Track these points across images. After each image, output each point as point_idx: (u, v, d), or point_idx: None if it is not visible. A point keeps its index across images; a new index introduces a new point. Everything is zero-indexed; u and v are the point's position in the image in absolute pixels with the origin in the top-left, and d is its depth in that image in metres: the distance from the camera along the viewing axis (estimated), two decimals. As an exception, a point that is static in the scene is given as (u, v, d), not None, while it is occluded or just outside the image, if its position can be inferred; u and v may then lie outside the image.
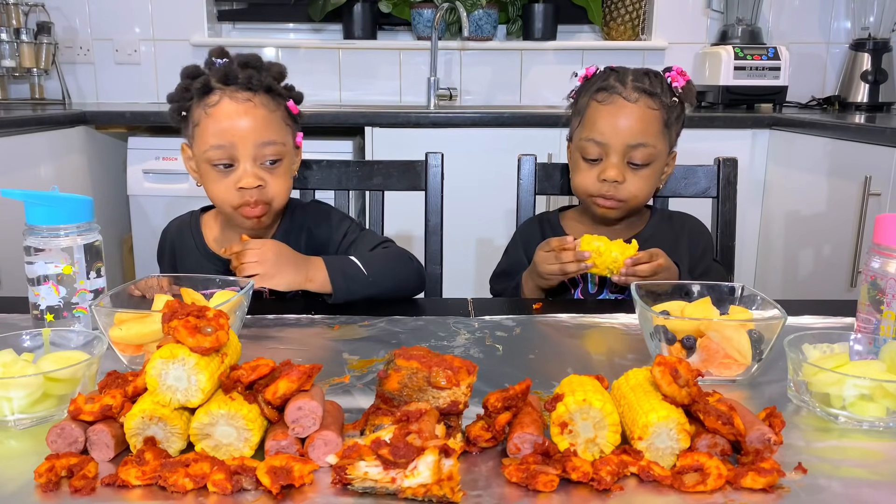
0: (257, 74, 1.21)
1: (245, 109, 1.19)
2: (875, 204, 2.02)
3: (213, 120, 1.19)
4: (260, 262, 1.13)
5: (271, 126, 1.22)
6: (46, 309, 0.98)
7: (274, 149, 1.21)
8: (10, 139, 2.16)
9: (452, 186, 1.55)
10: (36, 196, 0.97)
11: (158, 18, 3.11)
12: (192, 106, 1.22)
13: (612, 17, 3.13)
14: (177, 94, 1.24)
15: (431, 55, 3.02)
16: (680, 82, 1.34)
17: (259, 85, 1.21)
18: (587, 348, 1.02)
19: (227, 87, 1.20)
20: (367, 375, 0.90)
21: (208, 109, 1.20)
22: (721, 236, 1.57)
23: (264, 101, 1.21)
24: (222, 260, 1.30)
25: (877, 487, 0.66)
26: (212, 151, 1.19)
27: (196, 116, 1.22)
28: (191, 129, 1.23)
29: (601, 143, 1.31)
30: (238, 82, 1.20)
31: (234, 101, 1.19)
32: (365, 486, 0.63)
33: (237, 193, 1.21)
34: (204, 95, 1.21)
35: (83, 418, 0.69)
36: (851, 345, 0.87)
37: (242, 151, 1.19)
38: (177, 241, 1.37)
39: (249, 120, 1.19)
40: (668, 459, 0.67)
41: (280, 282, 1.14)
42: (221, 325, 0.70)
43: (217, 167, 1.20)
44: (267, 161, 1.21)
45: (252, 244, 1.15)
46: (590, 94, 1.35)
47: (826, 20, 3.17)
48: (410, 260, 1.30)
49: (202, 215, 1.39)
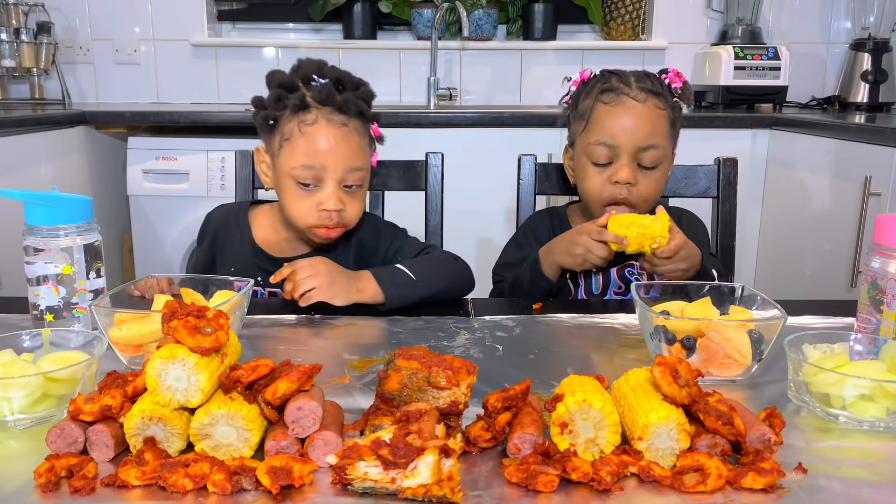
0: (353, 98, 1.21)
1: (341, 135, 1.19)
2: (875, 204, 2.02)
3: (307, 139, 1.19)
4: (314, 276, 1.13)
5: (361, 152, 1.23)
6: (46, 309, 0.98)
7: (359, 174, 1.22)
8: (10, 139, 2.16)
9: (452, 186, 1.55)
10: (36, 196, 0.97)
11: (158, 18, 3.11)
12: (282, 117, 1.21)
13: (612, 17, 3.13)
14: (269, 101, 1.23)
15: (431, 55, 3.02)
16: (677, 83, 1.33)
17: (354, 109, 1.21)
18: (587, 348, 1.02)
19: (323, 108, 1.20)
20: (367, 375, 0.90)
21: (303, 127, 1.19)
22: (721, 236, 1.57)
23: (356, 127, 1.22)
24: (268, 256, 1.31)
25: (877, 487, 0.66)
26: (300, 170, 1.19)
27: (288, 130, 1.21)
28: (277, 140, 1.23)
29: (611, 145, 1.28)
30: (335, 104, 1.20)
31: (331, 125, 1.19)
32: (365, 487, 0.63)
33: (317, 214, 1.21)
34: (299, 111, 1.20)
35: (83, 418, 0.69)
36: (851, 345, 0.87)
37: (331, 175, 1.20)
38: (221, 229, 1.36)
39: (344, 146, 1.19)
40: (668, 460, 0.67)
41: (335, 293, 1.14)
42: (221, 325, 0.70)
43: (300, 185, 1.21)
44: (349, 185, 1.22)
45: (300, 262, 1.15)
46: (594, 96, 1.32)
47: (826, 20, 3.17)
48: (456, 261, 1.30)
49: (251, 208, 1.37)
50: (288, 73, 1.24)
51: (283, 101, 1.21)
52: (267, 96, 1.24)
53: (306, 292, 1.12)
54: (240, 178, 1.54)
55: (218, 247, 1.35)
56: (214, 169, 2.49)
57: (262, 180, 1.30)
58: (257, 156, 1.30)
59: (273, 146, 1.24)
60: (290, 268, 1.15)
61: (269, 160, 1.27)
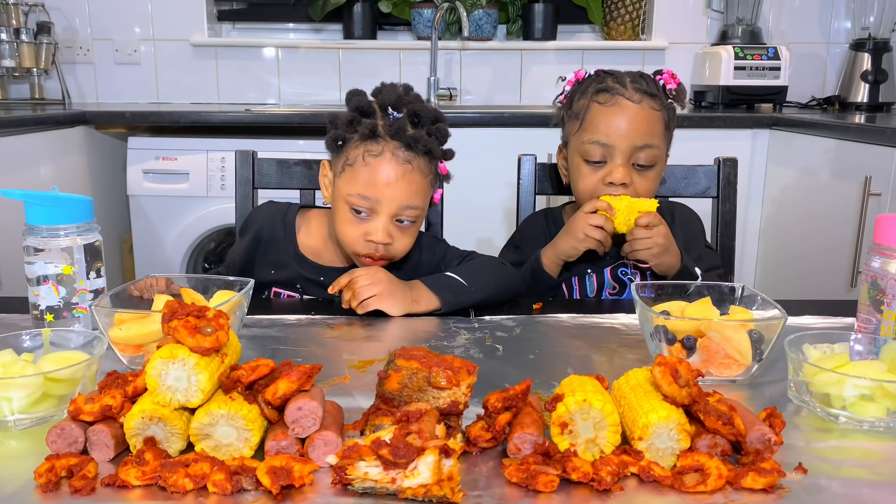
0: (424, 136, 1.20)
1: (403, 172, 1.19)
2: (875, 204, 2.02)
3: (369, 170, 1.18)
4: (374, 284, 1.13)
5: (420, 192, 1.22)
6: (46, 309, 0.98)
7: (413, 213, 1.21)
8: (10, 139, 2.16)
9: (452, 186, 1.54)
10: (36, 196, 0.97)
11: (158, 18, 3.11)
12: (350, 140, 1.21)
13: (612, 17, 3.13)
14: (342, 123, 1.22)
15: (431, 55, 3.02)
16: (672, 85, 1.33)
17: (423, 149, 1.20)
18: (587, 348, 1.02)
19: (391, 141, 1.19)
20: (367, 375, 0.90)
21: (368, 157, 1.19)
22: (721, 236, 1.57)
23: (421, 165, 1.21)
24: (311, 263, 1.31)
25: (877, 487, 0.66)
26: (356, 198, 1.19)
27: (353, 156, 1.20)
28: (342, 162, 1.22)
29: (606, 144, 1.29)
30: (404, 139, 1.19)
31: (395, 161, 1.18)
32: (365, 487, 0.63)
33: (364, 243, 1.21)
34: (368, 139, 1.19)
35: (83, 418, 0.69)
36: (852, 345, 0.87)
37: (385, 209, 1.19)
38: (265, 228, 1.35)
39: (404, 183, 1.19)
40: (668, 460, 0.67)
41: (394, 302, 1.13)
42: (221, 325, 0.70)
43: (353, 211, 1.20)
44: (402, 220, 1.21)
45: (358, 271, 1.16)
46: (588, 96, 1.32)
47: (826, 20, 3.17)
48: (503, 265, 1.29)
49: (300, 212, 1.37)
50: (367, 97, 1.23)
51: (355, 126, 1.20)
52: (341, 116, 1.23)
53: (366, 300, 1.12)
54: (240, 178, 1.54)
55: (261, 245, 1.34)
56: (214, 169, 2.49)
57: (322, 193, 1.30)
58: (322, 169, 1.29)
59: (337, 166, 1.24)
60: (348, 276, 1.15)
61: (332, 177, 1.26)
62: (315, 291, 1.28)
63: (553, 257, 1.32)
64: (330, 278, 1.20)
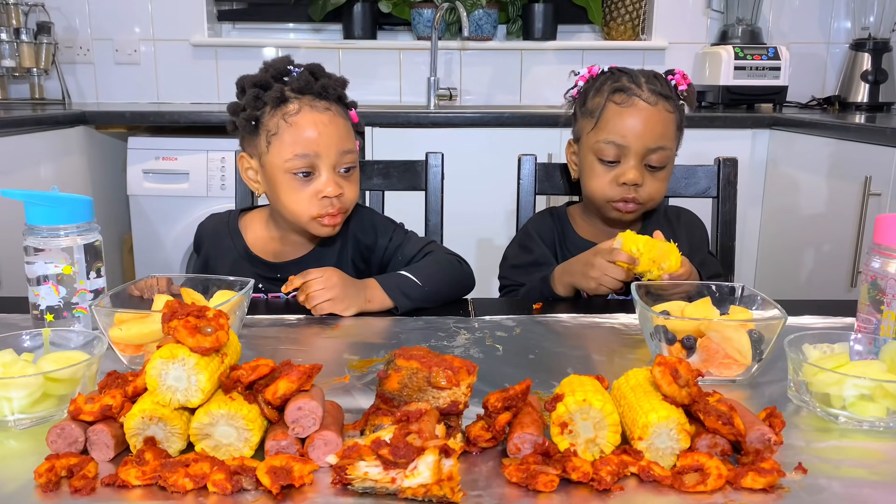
0: (330, 83, 1.21)
1: (328, 119, 1.20)
2: (875, 204, 2.02)
3: (294, 129, 1.19)
4: (328, 289, 1.14)
5: (349, 135, 1.23)
6: (46, 309, 0.98)
7: (351, 157, 1.23)
8: (10, 139, 2.16)
9: (452, 186, 1.55)
10: (36, 196, 0.97)
11: (158, 18, 3.11)
12: (263, 115, 1.21)
13: (612, 17, 3.13)
14: (247, 102, 1.22)
15: (431, 55, 3.02)
16: (683, 85, 1.34)
17: (333, 94, 1.21)
18: (587, 348, 1.02)
19: (303, 97, 1.20)
20: (367, 375, 0.90)
21: (289, 118, 1.19)
22: (721, 236, 1.57)
23: (339, 111, 1.22)
24: (265, 262, 1.31)
25: (877, 487, 0.66)
26: (294, 161, 1.19)
27: (273, 125, 1.20)
28: (263, 138, 1.22)
29: (621, 145, 1.29)
30: (314, 92, 1.20)
31: (315, 111, 1.19)
32: (365, 487, 0.63)
33: (318, 203, 1.20)
34: (280, 104, 1.20)
35: (83, 418, 0.69)
36: (851, 345, 0.87)
37: (325, 160, 1.19)
38: (212, 241, 1.36)
39: (333, 129, 1.20)
40: (668, 459, 0.67)
41: (347, 305, 1.14)
42: (221, 325, 0.70)
43: (297, 176, 1.20)
44: (343, 169, 1.22)
45: (313, 273, 1.16)
46: (604, 94, 1.32)
47: (826, 20, 3.17)
48: (460, 263, 1.30)
49: (241, 216, 1.37)
50: (258, 74, 1.24)
51: (262, 99, 1.21)
52: (243, 100, 1.23)
53: (321, 303, 1.13)
54: (240, 178, 1.54)
55: (211, 257, 1.35)
56: (214, 169, 2.49)
57: (252, 187, 1.29)
58: (241, 163, 1.29)
59: (259, 146, 1.23)
60: (301, 278, 1.15)
61: (256, 163, 1.26)
62: (275, 289, 1.28)
63: (567, 286, 1.30)
64: (285, 273, 1.21)
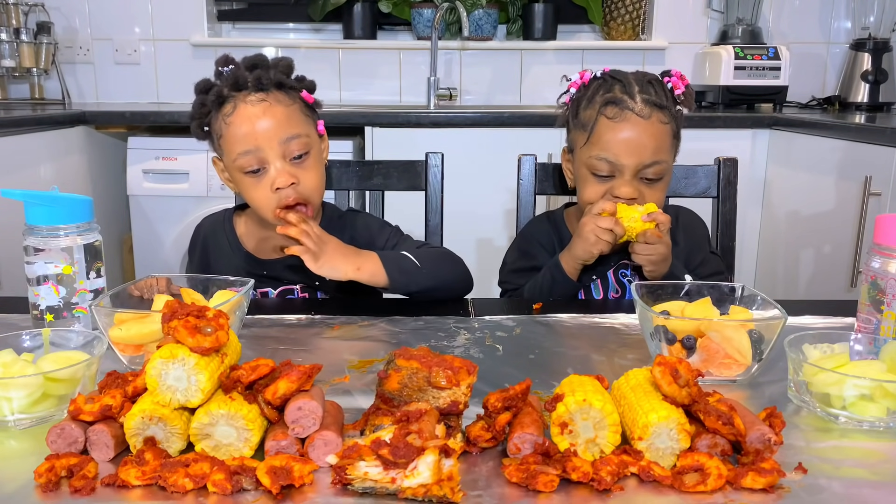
0: (266, 73, 1.21)
1: (262, 110, 1.19)
2: (875, 204, 2.02)
3: (233, 128, 1.19)
4: (310, 237, 1.12)
5: (291, 120, 1.22)
6: (46, 309, 0.98)
7: (299, 142, 1.21)
8: (10, 139, 2.16)
9: (452, 186, 1.55)
10: (36, 196, 0.97)
11: (158, 18, 3.11)
12: (211, 120, 1.23)
13: (612, 17, 3.13)
14: (195, 110, 1.24)
15: (431, 55, 3.02)
16: (681, 88, 1.29)
17: (269, 83, 1.21)
18: (587, 348, 1.02)
19: (238, 93, 1.20)
20: (367, 375, 0.90)
21: (227, 119, 1.20)
22: (721, 236, 1.57)
23: (279, 98, 1.22)
24: (256, 259, 1.31)
25: (877, 487, 0.66)
26: (240, 159, 1.19)
27: (217, 128, 1.22)
28: (216, 143, 1.24)
29: (614, 162, 1.25)
30: (248, 86, 1.20)
31: (249, 105, 1.19)
32: (365, 487, 0.63)
33: (274, 196, 1.20)
34: (220, 106, 1.21)
35: (83, 418, 0.69)
36: (852, 345, 0.87)
37: (269, 152, 1.19)
38: (210, 238, 1.37)
39: (268, 119, 1.19)
40: (668, 459, 0.67)
41: (323, 264, 1.13)
42: (221, 325, 0.70)
43: (249, 174, 1.20)
44: (295, 155, 1.21)
45: (315, 227, 1.14)
46: (596, 107, 1.27)
47: (826, 20, 3.17)
48: (460, 261, 1.30)
49: (235, 214, 1.38)
50: (202, 80, 1.25)
51: (207, 105, 1.22)
52: (192, 106, 1.25)
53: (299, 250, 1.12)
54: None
55: (210, 257, 1.35)
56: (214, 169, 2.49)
57: (229, 188, 1.31)
58: (216, 167, 1.31)
59: (218, 150, 1.25)
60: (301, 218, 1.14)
61: (223, 165, 1.27)
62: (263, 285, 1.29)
63: (571, 262, 1.30)
64: (272, 270, 1.22)
